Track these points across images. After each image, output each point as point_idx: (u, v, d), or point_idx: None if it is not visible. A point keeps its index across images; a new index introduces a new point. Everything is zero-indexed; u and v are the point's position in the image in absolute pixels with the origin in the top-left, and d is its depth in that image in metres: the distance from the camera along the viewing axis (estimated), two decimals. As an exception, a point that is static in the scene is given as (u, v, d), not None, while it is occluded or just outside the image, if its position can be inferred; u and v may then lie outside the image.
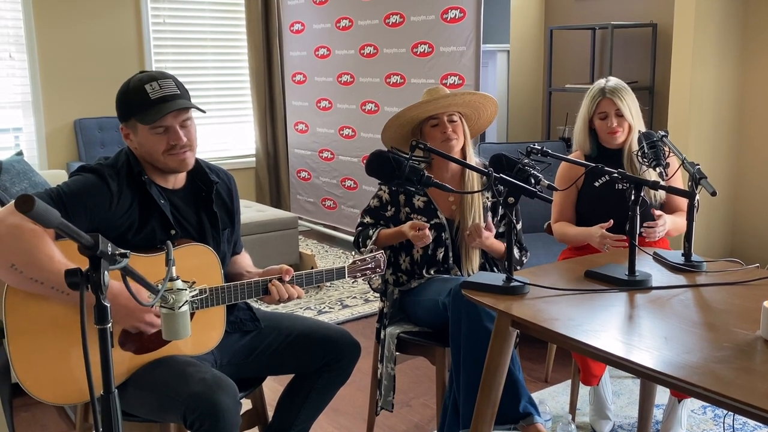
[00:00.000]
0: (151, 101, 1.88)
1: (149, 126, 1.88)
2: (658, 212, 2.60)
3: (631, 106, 2.71)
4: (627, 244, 2.54)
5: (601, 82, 2.75)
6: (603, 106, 2.71)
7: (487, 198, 2.56)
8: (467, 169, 2.54)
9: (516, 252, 2.56)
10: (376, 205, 2.58)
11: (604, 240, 2.54)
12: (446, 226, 2.52)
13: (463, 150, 2.55)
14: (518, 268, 2.57)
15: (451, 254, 2.53)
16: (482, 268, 2.56)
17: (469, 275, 2.52)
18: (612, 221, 2.57)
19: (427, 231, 2.37)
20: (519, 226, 2.61)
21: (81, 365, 1.77)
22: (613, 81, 2.75)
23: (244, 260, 2.25)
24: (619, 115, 2.69)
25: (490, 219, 2.47)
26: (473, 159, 2.57)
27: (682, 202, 2.67)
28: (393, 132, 2.58)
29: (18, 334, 1.74)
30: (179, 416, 1.77)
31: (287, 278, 2.03)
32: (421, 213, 2.52)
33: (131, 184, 1.90)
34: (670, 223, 2.63)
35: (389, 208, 2.56)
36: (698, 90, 3.94)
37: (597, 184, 2.74)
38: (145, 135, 1.91)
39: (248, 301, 2.13)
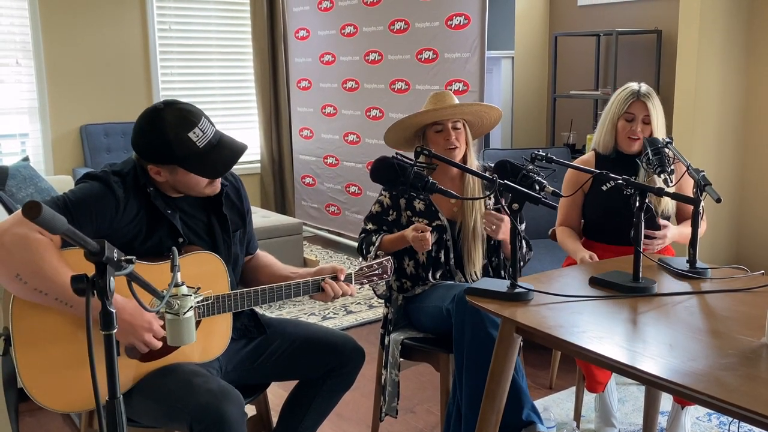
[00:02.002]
0: (201, 150, 1.85)
1: (203, 177, 1.89)
2: (664, 222, 2.60)
3: (659, 115, 2.70)
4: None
5: (634, 86, 2.72)
6: (634, 108, 2.68)
7: (490, 201, 2.56)
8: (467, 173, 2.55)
9: (524, 246, 2.56)
10: (378, 211, 2.59)
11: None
12: (448, 227, 2.52)
13: (465, 157, 2.56)
14: (521, 264, 2.57)
15: (452, 255, 2.53)
16: (485, 269, 2.56)
17: (472, 278, 2.52)
18: (597, 257, 2.58)
19: (428, 235, 2.37)
20: (522, 226, 2.61)
21: (87, 373, 1.77)
22: (645, 86, 2.72)
23: (275, 262, 2.25)
24: (646, 122, 2.67)
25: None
26: (474, 163, 2.59)
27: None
28: (395, 134, 2.59)
29: (25, 342, 1.74)
30: (185, 426, 1.76)
31: (342, 276, 2.07)
32: (423, 216, 2.52)
33: (138, 193, 1.89)
34: (674, 236, 2.63)
35: (391, 212, 2.56)
36: (703, 96, 3.94)
37: (604, 188, 2.74)
38: (186, 176, 1.88)
39: (252, 306, 2.13)
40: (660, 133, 2.70)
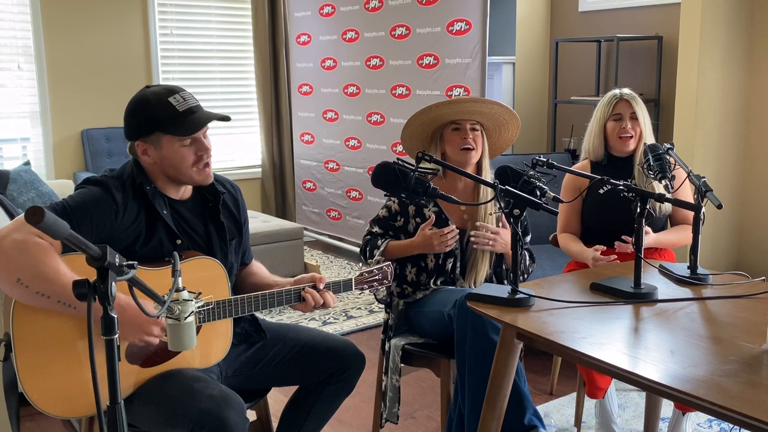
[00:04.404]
0: (180, 113, 1.88)
1: (180, 138, 1.89)
2: (646, 228, 2.60)
3: (645, 114, 2.78)
4: (618, 258, 2.57)
5: (615, 90, 2.82)
6: (619, 108, 2.77)
7: (499, 208, 2.56)
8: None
9: (527, 259, 2.57)
10: (385, 216, 2.58)
11: (596, 263, 2.56)
12: (457, 236, 2.51)
13: (479, 163, 2.55)
14: (525, 276, 2.58)
15: (459, 264, 2.53)
16: (489, 280, 2.56)
17: (472, 286, 2.52)
18: (605, 247, 2.59)
19: (446, 230, 2.36)
20: (528, 238, 2.62)
21: (88, 379, 1.77)
22: (627, 89, 2.83)
23: (263, 270, 2.25)
24: (634, 118, 2.75)
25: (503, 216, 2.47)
26: (488, 172, 2.56)
27: (689, 213, 2.68)
28: (413, 130, 2.56)
29: (26, 348, 1.74)
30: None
31: (321, 286, 2.05)
32: (432, 224, 2.51)
33: (137, 196, 1.90)
34: (651, 242, 2.63)
35: (398, 218, 2.56)
36: (704, 102, 3.94)
37: (601, 191, 2.75)
38: (172, 148, 1.90)
39: (254, 312, 2.14)
40: (648, 131, 2.75)
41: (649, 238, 2.62)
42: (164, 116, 1.88)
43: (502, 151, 2.69)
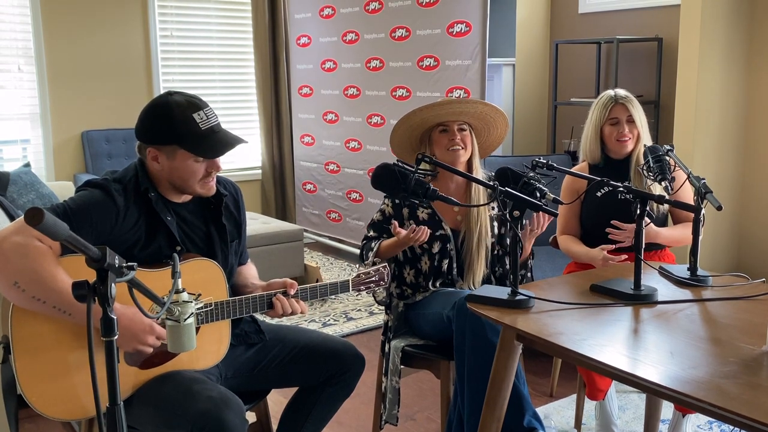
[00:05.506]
0: (202, 132, 1.88)
1: (200, 156, 1.89)
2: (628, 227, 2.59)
3: (641, 116, 2.77)
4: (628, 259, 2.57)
5: (610, 92, 2.80)
6: (615, 112, 2.75)
7: (494, 209, 2.56)
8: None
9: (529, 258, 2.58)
10: (379, 219, 2.58)
11: (606, 263, 2.56)
12: (451, 237, 2.52)
13: (470, 162, 2.56)
14: (530, 274, 2.58)
15: (455, 265, 2.53)
16: (487, 280, 2.56)
17: (472, 287, 2.52)
18: (614, 246, 2.59)
19: (415, 228, 2.33)
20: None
21: (87, 382, 1.77)
22: (622, 91, 2.81)
23: (249, 271, 2.25)
24: (630, 121, 2.74)
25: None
26: (480, 172, 2.57)
27: (688, 213, 2.68)
28: (401, 135, 2.57)
29: (24, 350, 1.74)
30: None
31: (292, 292, 2.04)
32: (426, 225, 2.51)
33: (138, 200, 1.90)
34: (653, 236, 2.63)
35: (392, 222, 2.56)
36: (703, 104, 3.94)
37: (599, 194, 2.75)
38: (184, 162, 1.90)
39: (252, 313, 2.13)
40: (645, 132, 2.75)
41: (651, 230, 2.60)
42: (185, 132, 1.87)
43: (492, 149, 2.70)
